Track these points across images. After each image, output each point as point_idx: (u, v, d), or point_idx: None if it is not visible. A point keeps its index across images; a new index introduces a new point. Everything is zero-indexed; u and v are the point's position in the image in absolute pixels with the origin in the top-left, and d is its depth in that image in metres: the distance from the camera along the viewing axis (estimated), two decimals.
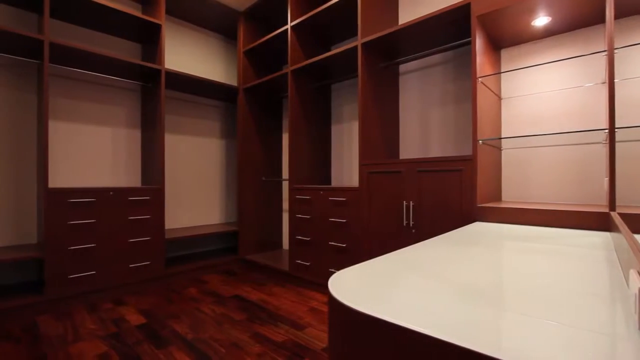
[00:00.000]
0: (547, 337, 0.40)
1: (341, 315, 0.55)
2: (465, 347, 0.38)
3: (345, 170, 2.73)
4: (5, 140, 2.15)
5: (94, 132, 2.53)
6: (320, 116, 2.73)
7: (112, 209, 2.22)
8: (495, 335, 0.41)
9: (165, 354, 1.49)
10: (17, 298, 1.91)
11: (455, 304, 0.52)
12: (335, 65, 2.41)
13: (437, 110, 2.18)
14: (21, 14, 2.22)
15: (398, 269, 0.73)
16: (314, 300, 2.15)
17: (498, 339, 0.40)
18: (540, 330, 0.42)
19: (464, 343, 0.39)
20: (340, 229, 2.14)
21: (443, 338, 0.40)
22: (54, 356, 1.48)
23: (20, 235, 2.21)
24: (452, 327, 0.43)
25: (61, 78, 2.38)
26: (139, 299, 2.19)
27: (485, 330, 0.42)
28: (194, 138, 3.14)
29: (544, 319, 0.46)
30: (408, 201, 1.79)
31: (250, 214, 2.99)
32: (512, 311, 0.49)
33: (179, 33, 3.01)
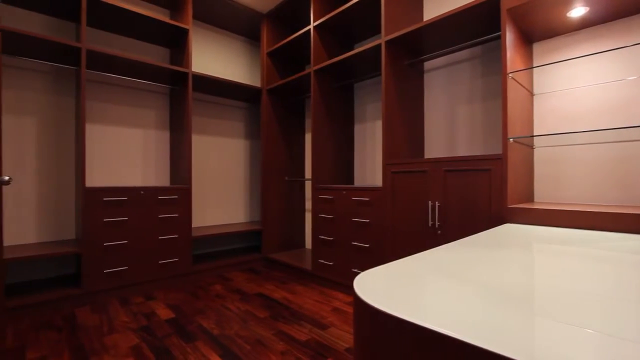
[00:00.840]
0: (582, 346, 0.38)
1: (367, 316, 0.55)
2: (496, 352, 0.37)
3: (368, 169, 2.70)
4: (47, 143, 2.30)
5: (126, 133, 2.65)
6: (343, 116, 2.73)
7: (143, 207, 2.31)
8: (527, 341, 0.39)
9: (192, 349, 1.53)
10: (58, 290, 2.03)
11: (485, 308, 0.50)
12: (358, 64, 2.39)
13: (465, 107, 2.11)
14: (61, 23, 2.37)
15: (425, 270, 0.72)
16: (336, 300, 2.15)
17: (530, 345, 0.38)
18: (575, 337, 0.40)
19: (494, 348, 0.37)
20: (363, 229, 2.12)
21: (472, 342, 0.39)
22: (91, 346, 1.56)
23: (60, 232, 2.35)
24: (481, 331, 0.42)
25: (96, 83, 2.51)
26: (167, 294, 2.27)
27: (517, 336, 0.40)
28: (220, 139, 3.22)
29: (579, 326, 0.43)
30: (433, 201, 1.74)
31: (273, 214, 3.03)
32: (545, 317, 0.47)
33: (204, 37, 3.10)
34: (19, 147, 2.20)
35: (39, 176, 2.27)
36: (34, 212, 2.25)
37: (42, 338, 1.64)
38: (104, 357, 1.47)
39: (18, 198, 2.20)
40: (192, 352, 1.50)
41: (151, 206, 2.35)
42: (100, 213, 2.13)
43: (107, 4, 2.15)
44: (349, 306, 2.03)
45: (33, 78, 2.26)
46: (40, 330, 1.73)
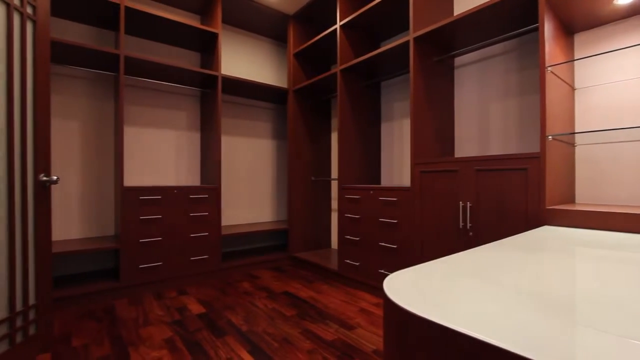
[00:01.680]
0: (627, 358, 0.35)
1: (397, 318, 0.54)
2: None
3: (396, 169, 2.66)
4: (89, 145, 2.46)
5: (159, 135, 2.77)
6: (370, 115, 2.70)
7: (176, 206, 2.41)
8: (569, 352, 0.36)
9: (222, 343, 1.58)
10: (99, 283, 2.16)
11: (523, 315, 0.47)
12: (385, 62, 2.36)
13: (498, 104, 2.02)
14: (101, 32, 2.52)
15: (457, 273, 0.69)
16: (363, 300, 2.13)
17: (572, 356, 0.35)
18: (622, 349, 0.37)
19: (533, 356, 0.35)
20: (390, 229, 2.09)
21: (510, 349, 0.37)
22: (128, 337, 1.65)
23: (101, 228, 2.50)
24: (518, 338, 0.39)
25: (133, 87, 2.65)
26: (198, 290, 2.35)
27: (557, 345, 0.38)
28: (248, 139, 3.29)
29: (627, 337, 0.40)
30: (465, 202, 1.68)
31: (300, 213, 3.06)
32: (588, 326, 0.43)
33: (233, 40, 3.17)
34: (65, 148, 2.36)
35: (82, 176, 2.43)
36: (78, 210, 2.41)
37: (85, 327, 1.76)
38: (140, 348, 1.54)
39: (64, 196, 2.36)
40: (222, 347, 1.54)
41: (183, 205, 2.44)
42: (137, 211, 2.24)
43: (144, 12, 2.26)
44: (376, 307, 2.01)
45: (77, 84, 2.41)
46: (83, 320, 1.84)
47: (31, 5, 1.47)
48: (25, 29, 1.43)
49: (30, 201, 1.46)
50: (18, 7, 1.38)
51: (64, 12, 2.27)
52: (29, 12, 1.45)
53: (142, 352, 1.50)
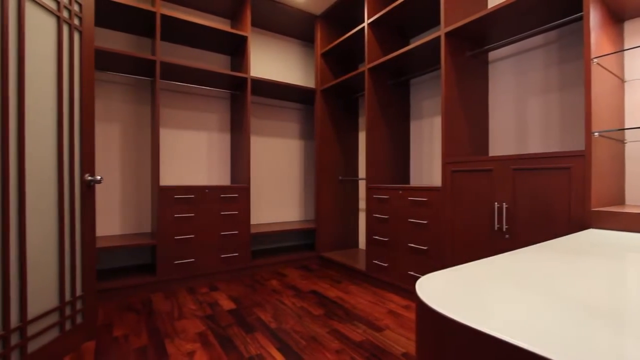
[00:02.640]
0: None
1: (431, 321, 0.52)
2: None
3: (425, 168, 2.59)
4: (128, 146, 2.60)
5: (192, 136, 2.88)
6: (398, 113, 2.65)
7: (207, 204, 2.49)
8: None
9: (252, 339, 1.61)
10: (137, 277, 2.29)
11: (566, 323, 0.44)
12: (414, 59, 2.30)
13: (537, 99, 1.91)
14: (139, 40, 2.65)
15: (494, 277, 0.66)
16: (391, 302, 2.09)
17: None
18: None
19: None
20: (420, 230, 2.04)
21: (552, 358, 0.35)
22: (165, 329, 1.73)
23: (139, 225, 2.64)
24: (561, 347, 0.37)
25: (168, 91, 2.77)
26: (228, 286, 2.42)
27: (606, 356, 0.35)
28: (276, 139, 3.34)
29: None
30: (500, 203, 1.61)
31: (327, 213, 3.06)
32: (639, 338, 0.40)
33: (261, 42, 3.23)
34: (106, 150, 2.52)
35: (122, 176, 2.58)
36: (118, 207, 2.56)
37: (125, 318, 1.86)
38: (175, 340, 1.61)
39: (105, 195, 2.51)
40: (252, 343, 1.58)
41: (214, 204, 2.52)
42: (172, 209, 2.34)
43: (178, 19, 2.36)
44: (405, 310, 1.97)
45: (117, 90, 2.56)
46: (123, 311, 1.96)
47: (78, 17, 1.57)
48: (73, 39, 1.54)
49: (77, 199, 1.56)
50: (67, 19, 1.49)
51: (105, 22, 2.42)
52: (76, 24, 1.56)
53: (177, 344, 1.57)
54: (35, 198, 1.33)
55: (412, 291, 2.10)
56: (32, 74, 1.32)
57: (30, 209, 1.30)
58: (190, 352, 1.49)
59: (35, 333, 1.31)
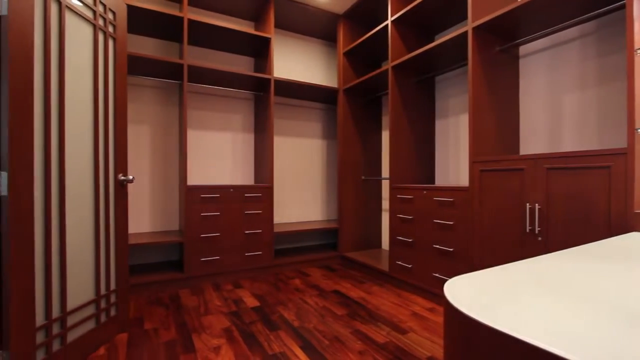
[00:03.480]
0: None
1: (461, 325, 0.50)
2: None
3: (452, 168, 2.52)
4: (157, 147, 2.70)
5: (217, 137, 2.95)
6: (423, 111, 2.59)
7: (232, 204, 2.55)
8: None
9: (275, 337, 1.63)
10: (166, 273, 2.37)
11: (603, 330, 0.41)
12: (440, 55, 2.24)
13: (573, 94, 1.81)
14: (167, 44, 2.75)
15: (526, 281, 0.63)
16: (415, 304, 2.05)
17: None
18: None
19: None
20: (446, 231, 1.99)
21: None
22: (192, 324, 1.78)
23: (168, 223, 2.74)
24: (600, 356, 0.34)
25: (194, 94, 2.86)
26: (252, 284, 2.46)
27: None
28: (298, 139, 3.36)
29: None
30: (532, 203, 1.54)
31: (349, 212, 3.05)
32: None
33: (284, 43, 3.26)
34: (137, 151, 2.63)
35: (152, 175, 2.68)
36: (148, 206, 2.67)
37: (155, 312, 1.94)
38: (202, 335, 1.66)
39: (136, 194, 2.63)
40: (275, 340, 1.59)
41: (239, 203, 2.57)
42: (198, 208, 2.41)
43: (204, 23, 2.43)
44: (430, 312, 1.92)
45: (147, 93, 2.67)
46: (153, 306, 2.04)
47: (112, 24, 1.65)
48: (108, 45, 1.62)
49: (111, 198, 1.64)
50: (102, 27, 1.57)
51: (136, 28, 2.52)
52: (111, 31, 1.64)
53: (203, 339, 1.61)
54: (74, 197, 1.41)
55: (438, 294, 2.05)
56: (70, 80, 1.40)
57: (70, 207, 1.38)
58: (216, 347, 1.53)
59: (74, 324, 1.39)
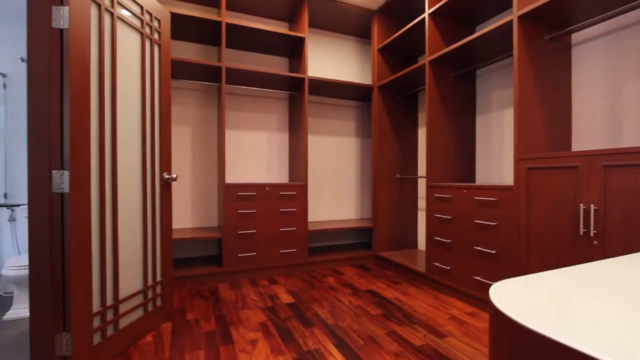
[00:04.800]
0: None
1: (509, 332, 0.47)
2: None
3: (494, 165, 2.39)
4: (198, 147, 2.83)
5: (254, 136, 3.03)
6: (462, 107, 2.48)
7: (268, 201, 2.61)
8: None
9: (310, 333, 1.65)
10: (206, 267, 2.48)
11: None
12: (481, 47, 2.13)
13: (634, 84, 1.64)
14: (206, 48, 2.87)
15: (580, 287, 0.58)
16: (454, 308, 1.97)
17: None
18: None
19: None
20: (488, 232, 1.89)
21: None
22: (230, 317, 1.85)
23: (207, 219, 2.87)
24: None
25: (232, 95, 2.95)
26: (287, 281, 2.50)
27: None
28: (332, 138, 3.36)
29: None
30: (587, 204, 1.41)
31: (384, 211, 3.00)
32: None
33: (318, 42, 3.27)
34: (179, 151, 2.77)
35: (193, 174, 2.82)
36: (189, 203, 2.80)
37: (196, 304, 2.03)
38: (239, 328, 1.71)
39: (179, 191, 2.77)
40: (310, 337, 1.61)
41: (274, 201, 2.63)
42: (236, 205, 2.50)
43: (241, 26, 2.50)
44: (470, 317, 1.84)
45: (188, 95, 2.81)
46: (194, 298, 2.14)
47: (157, 32, 1.75)
48: (154, 52, 1.72)
49: (157, 196, 1.75)
50: (149, 34, 1.67)
51: (177, 34, 2.66)
52: (156, 38, 1.74)
53: (241, 332, 1.67)
54: (125, 195, 1.51)
55: (479, 297, 1.96)
56: (121, 85, 1.50)
57: (121, 203, 1.49)
58: (253, 340, 1.58)
59: (125, 311, 1.50)
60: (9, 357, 1.49)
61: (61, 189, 1.25)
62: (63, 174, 1.25)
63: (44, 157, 1.23)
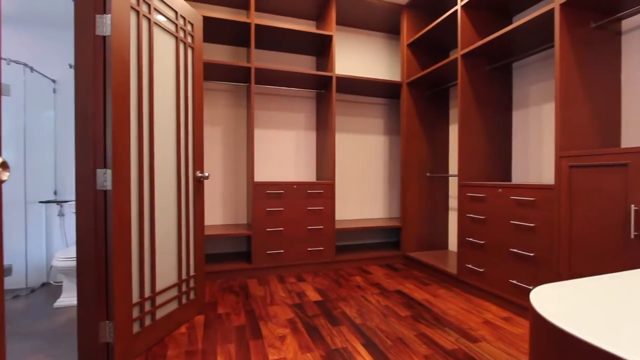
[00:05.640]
0: None
1: (551, 340, 0.45)
2: None
3: (532, 163, 2.26)
4: (228, 146, 2.91)
5: (282, 135, 3.07)
6: (497, 102, 2.37)
7: (295, 200, 2.63)
8: None
9: (337, 332, 1.65)
10: (235, 263, 2.55)
11: None
12: (519, 39, 2.02)
13: None
14: (236, 50, 2.94)
15: (632, 295, 0.53)
16: (488, 312, 1.89)
17: None
18: None
19: None
20: (526, 234, 1.79)
21: None
22: (259, 312, 1.89)
23: (236, 217, 2.94)
24: None
25: (260, 95, 3.01)
26: (314, 279, 2.52)
27: None
28: (360, 136, 3.33)
29: None
30: (638, 205, 1.30)
31: (413, 211, 2.93)
32: None
33: (345, 39, 3.25)
34: (210, 150, 2.87)
35: (223, 172, 2.90)
36: (220, 200, 2.89)
37: (226, 299, 2.10)
38: (268, 323, 1.75)
39: (210, 189, 2.87)
40: (337, 335, 1.61)
41: (301, 199, 2.65)
42: (264, 203, 2.55)
43: (270, 27, 2.54)
44: (505, 322, 1.76)
45: (219, 96, 2.89)
46: (225, 292, 2.21)
47: (191, 35, 1.82)
48: (187, 55, 1.78)
49: (191, 193, 1.82)
50: (182, 38, 1.73)
51: (208, 37, 2.74)
52: (189, 42, 1.81)
53: (270, 327, 1.70)
54: (161, 192, 1.59)
55: (514, 302, 1.86)
56: (157, 87, 1.57)
57: (157, 200, 1.56)
58: (281, 336, 1.60)
59: (161, 303, 1.57)
60: (59, 341, 1.61)
61: (104, 186, 1.33)
62: (106, 172, 1.33)
63: (89, 157, 1.32)
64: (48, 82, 2.56)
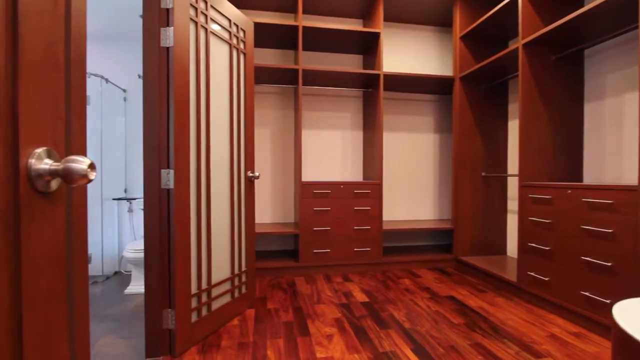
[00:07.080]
0: None
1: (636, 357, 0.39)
2: None
3: (609, 161, 2.01)
4: (276, 147, 3.00)
5: (328, 135, 3.09)
6: (565, 94, 2.14)
7: (342, 199, 2.63)
8: None
9: (385, 335, 1.61)
10: (283, 261, 2.62)
11: None
12: (592, 22, 1.81)
13: None
14: (283, 53, 3.02)
15: None
16: (554, 325, 1.72)
17: None
18: None
19: None
20: (600, 240, 1.60)
21: None
22: (307, 310, 1.92)
23: (284, 215, 3.02)
24: None
25: (307, 96, 3.05)
26: (361, 279, 2.49)
27: None
28: (409, 134, 3.23)
29: None
30: None
31: (466, 213, 2.77)
32: None
33: (393, 35, 3.17)
34: (260, 151, 2.98)
35: (272, 172, 3.00)
36: (269, 199, 2.99)
37: (275, 295, 2.16)
38: (315, 321, 1.77)
39: (259, 188, 2.98)
40: (386, 338, 1.58)
41: (348, 199, 2.64)
42: (311, 202, 2.58)
43: (317, 28, 2.56)
44: (575, 337, 1.58)
45: (268, 98, 2.99)
46: (273, 289, 2.28)
47: (243, 42, 1.91)
48: (240, 60, 1.87)
49: (243, 193, 1.90)
50: (235, 45, 1.82)
51: (257, 41, 2.85)
52: (242, 48, 1.89)
53: (317, 325, 1.72)
54: (216, 190, 1.68)
55: (586, 316, 1.67)
56: (213, 92, 1.67)
57: (214, 198, 1.66)
58: (328, 335, 1.61)
59: (216, 295, 1.67)
60: (128, 325, 1.79)
61: (168, 185, 1.45)
62: (169, 172, 1.45)
63: (154, 159, 1.45)
64: (120, 91, 2.86)
